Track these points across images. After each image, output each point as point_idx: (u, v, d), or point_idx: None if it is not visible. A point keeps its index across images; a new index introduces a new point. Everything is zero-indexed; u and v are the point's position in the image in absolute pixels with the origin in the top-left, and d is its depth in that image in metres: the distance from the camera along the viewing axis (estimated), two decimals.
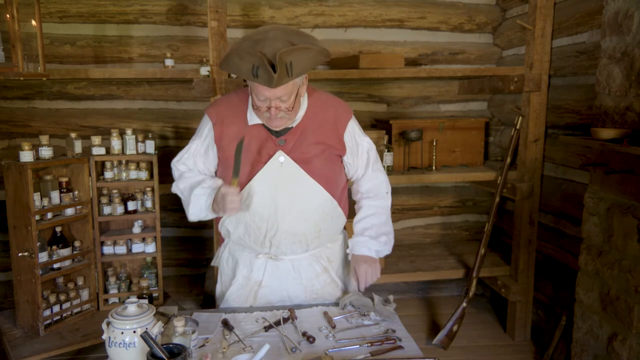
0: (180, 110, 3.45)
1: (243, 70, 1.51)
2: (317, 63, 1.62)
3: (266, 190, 1.71)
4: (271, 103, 1.57)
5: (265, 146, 1.71)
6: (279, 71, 1.45)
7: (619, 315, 2.17)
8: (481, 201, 3.85)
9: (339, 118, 1.79)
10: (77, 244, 2.73)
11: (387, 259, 3.31)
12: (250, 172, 1.71)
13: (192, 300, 3.46)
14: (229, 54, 1.55)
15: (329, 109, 1.79)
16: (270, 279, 1.84)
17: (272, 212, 1.73)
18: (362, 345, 1.57)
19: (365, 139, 1.87)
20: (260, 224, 1.76)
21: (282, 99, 1.57)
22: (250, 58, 1.47)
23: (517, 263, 3.13)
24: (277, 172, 1.70)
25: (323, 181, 1.75)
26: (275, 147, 1.71)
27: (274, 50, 1.47)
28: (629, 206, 2.13)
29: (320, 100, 1.79)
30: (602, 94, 2.34)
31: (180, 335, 1.43)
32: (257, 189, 1.72)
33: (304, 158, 1.72)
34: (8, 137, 3.29)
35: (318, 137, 1.74)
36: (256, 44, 1.52)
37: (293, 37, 1.55)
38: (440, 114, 3.69)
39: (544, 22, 2.89)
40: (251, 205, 1.74)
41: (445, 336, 2.99)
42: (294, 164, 1.71)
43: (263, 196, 1.72)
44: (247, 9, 3.33)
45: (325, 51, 1.58)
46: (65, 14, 3.19)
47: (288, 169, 1.71)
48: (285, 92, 1.56)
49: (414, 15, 3.50)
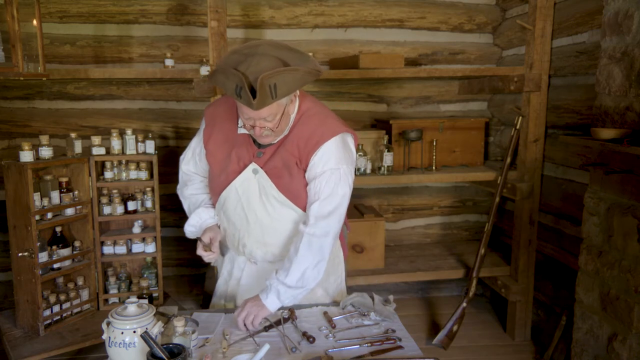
0: (180, 110, 3.45)
1: (228, 89, 1.49)
2: (305, 83, 1.56)
3: (238, 200, 1.74)
4: (255, 122, 1.56)
5: (243, 156, 1.72)
6: (260, 94, 1.42)
7: (619, 315, 2.17)
8: (481, 201, 3.85)
9: (314, 136, 1.66)
10: (77, 244, 2.73)
11: (387, 259, 3.32)
12: (226, 179, 1.73)
13: (192, 300, 3.47)
14: (215, 70, 1.53)
15: (309, 124, 1.68)
16: (248, 278, 1.88)
17: (244, 221, 1.76)
18: (362, 345, 1.57)
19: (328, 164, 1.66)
20: (234, 231, 1.81)
21: (267, 119, 1.55)
22: (233, 78, 1.45)
23: (517, 263, 3.13)
24: (249, 183, 1.71)
25: (292, 196, 1.71)
26: (252, 158, 1.71)
27: (258, 72, 1.43)
28: (629, 206, 2.13)
29: (306, 115, 1.69)
30: (602, 94, 2.34)
31: (180, 335, 1.43)
32: (231, 197, 1.75)
33: (275, 172, 1.69)
34: (8, 137, 3.29)
35: (292, 152, 1.68)
36: (244, 60, 1.49)
37: (283, 53, 1.53)
38: (440, 114, 3.69)
39: (544, 22, 2.89)
40: (227, 213, 1.79)
41: (445, 336, 2.99)
42: (266, 176, 1.69)
43: (236, 205, 1.75)
44: (247, 9, 3.33)
45: (314, 71, 1.52)
46: (65, 14, 3.19)
47: (260, 181, 1.70)
48: (270, 112, 1.53)
49: (414, 15, 3.50)
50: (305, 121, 1.69)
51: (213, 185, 1.81)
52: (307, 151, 1.66)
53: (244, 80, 1.42)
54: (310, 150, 1.66)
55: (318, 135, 1.66)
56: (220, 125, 1.76)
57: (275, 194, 1.70)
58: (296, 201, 1.72)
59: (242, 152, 1.72)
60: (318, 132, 1.66)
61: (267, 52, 1.51)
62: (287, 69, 1.47)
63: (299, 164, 1.68)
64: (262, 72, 1.42)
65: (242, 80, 1.42)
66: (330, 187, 1.66)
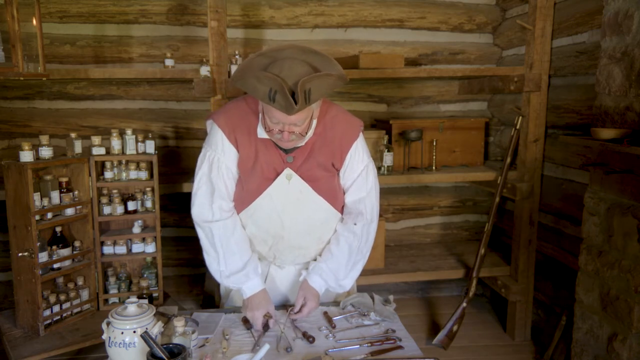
0: (180, 110, 3.45)
1: (259, 92, 1.46)
2: (334, 88, 1.58)
3: (273, 207, 1.71)
4: (284, 127, 1.54)
5: (273, 162, 1.69)
6: (297, 98, 1.42)
7: (619, 315, 2.17)
8: (481, 201, 3.85)
9: (345, 136, 1.75)
10: (77, 244, 2.73)
11: (387, 259, 3.32)
12: (258, 188, 1.70)
13: (192, 300, 3.47)
14: (244, 74, 1.49)
15: (337, 126, 1.74)
16: (270, 282, 1.86)
17: (279, 227, 1.74)
18: (362, 345, 1.57)
19: (363, 161, 1.80)
20: (266, 237, 1.78)
21: (297, 124, 1.54)
22: (268, 82, 1.43)
23: (517, 263, 3.13)
24: (285, 189, 1.70)
25: (329, 197, 1.75)
26: (284, 164, 1.69)
27: (295, 77, 1.43)
28: (629, 206, 2.13)
29: (329, 116, 1.74)
30: (602, 94, 2.34)
31: (180, 335, 1.43)
32: (264, 205, 1.71)
33: (311, 175, 1.71)
34: (8, 137, 3.29)
35: (325, 155, 1.72)
36: (273, 63, 1.48)
37: (311, 57, 1.53)
38: (440, 114, 3.69)
39: (544, 22, 2.89)
40: (258, 221, 1.74)
41: (445, 336, 2.99)
42: (302, 181, 1.70)
43: (270, 212, 1.72)
44: (247, 9, 3.33)
45: (344, 77, 1.54)
46: (65, 14, 3.19)
47: (296, 186, 1.70)
48: (300, 117, 1.53)
49: (414, 15, 3.50)
50: (333, 124, 1.74)
51: (242, 194, 1.74)
52: (342, 151, 1.74)
53: (283, 85, 1.40)
54: (344, 150, 1.75)
55: (349, 135, 1.76)
56: (240, 133, 1.69)
57: (313, 197, 1.71)
58: (333, 202, 1.76)
59: (270, 158, 1.69)
60: (348, 133, 1.76)
61: (295, 56, 1.51)
62: (322, 74, 1.48)
63: (335, 165, 1.74)
64: (298, 76, 1.42)
65: (281, 85, 1.40)
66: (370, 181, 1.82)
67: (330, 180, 1.76)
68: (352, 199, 1.81)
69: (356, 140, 1.77)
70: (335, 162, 1.74)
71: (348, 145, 1.75)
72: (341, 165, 1.76)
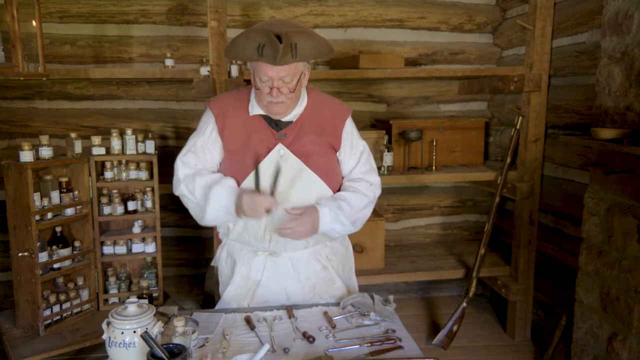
0: (180, 110, 3.45)
1: (248, 50, 1.56)
2: (320, 53, 1.66)
3: (266, 183, 1.70)
4: (273, 83, 1.60)
5: (265, 139, 1.73)
6: (283, 50, 1.50)
7: (619, 315, 2.17)
8: (481, 201, 3.85)
9: (337, 114, 1.83)
10: (77, 244, 2.73)
11: (387, 259, 3.32)
12: (250, 164, 1.72)
13: (192, 300, 3.47)
14: (234, 39, 1.61)
15: (328, 105, 1.84)
16: (268, 278, 1.85)
17: None
18: (362, 345, 1.56)
19: (361, 142, 1.88)
20: None
21: (285, 80, 1.61)
22: (256, 37, 1.54)
23: (517, 263, 3.13)
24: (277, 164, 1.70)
25: (323, 174, 1.77)
26: (276, 140, 1.74)
27: (283, 29, 1.54)
28: (629, 206, 2.13)
29: (318, 98, 1.83)
30: (602, 94, 2.34)
31: (180, 335, 1.43)
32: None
33: (303, 151, 1.74)
34: (8, 137, 3.29)
35: (317, 131, 1.76)
36: (263, 27, 1.59)
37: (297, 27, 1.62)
38: (440, 114, 3.69)
39: (544, 22, 2.89)
40: None
41: (445, 336, 2.99)
42: (294, 157, 1.73)
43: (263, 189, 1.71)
44: (247, 9, 3.33)
45: (328, 44, 1.64)
46: (65, 14, 3.19)
47: (288, 162, 1.72)
48: (288, 72, 1.59)
49: (414, 15, 3.50)
50: (323, 103, 1.82)
51: (233, 173, 1.75)
52: (335, 128, 1.79)
53: (270, 34, 1.50)
54: (338, 127, 1.80)
55: (339, 113, 1.83)
56: (231, 114, 1.76)
57: (306, 173, 1.74)
58: (326, 179, 1.77)
59: (262, 135, 1.73)
60: (339, 110, 1.84)
61: (284, 23, 1.63)
62: (307, 29, 1.61)
63: (334, 145, 1.79)
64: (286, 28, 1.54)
65: (268, 36, 1.50)
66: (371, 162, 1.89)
67: (323, 157, 1.77)
68: (362, 170, 1.86)
69: (348, 118, 1.84)
70: (332, 141, 1.79)
71: (341, 124, 1.81)
72: (339, 144, 1.81)
